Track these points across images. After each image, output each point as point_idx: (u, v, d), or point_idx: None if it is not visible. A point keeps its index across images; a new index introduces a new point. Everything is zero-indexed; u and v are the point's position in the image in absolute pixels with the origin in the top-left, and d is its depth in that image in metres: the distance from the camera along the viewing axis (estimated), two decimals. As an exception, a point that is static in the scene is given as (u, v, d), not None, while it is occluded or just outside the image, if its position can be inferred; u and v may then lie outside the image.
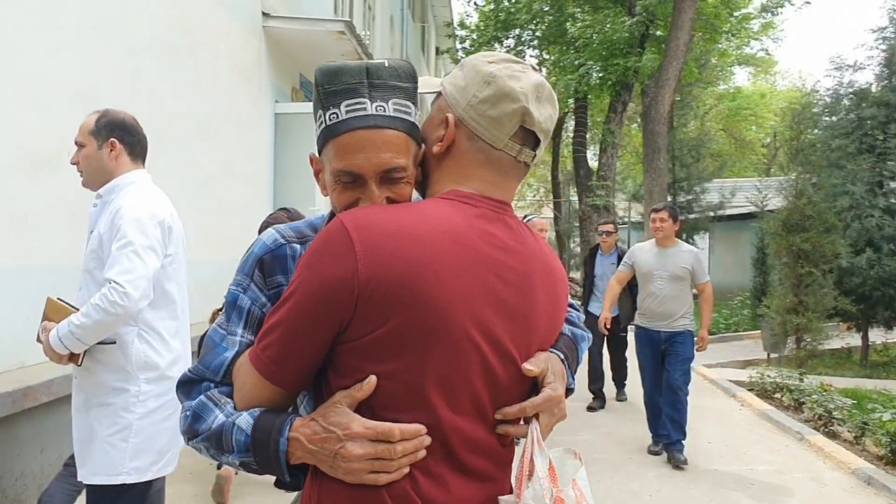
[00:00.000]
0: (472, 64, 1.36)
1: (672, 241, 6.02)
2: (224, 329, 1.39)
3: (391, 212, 1.24)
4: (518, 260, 1.32)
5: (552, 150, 27.35)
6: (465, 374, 1.24)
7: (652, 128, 14.33)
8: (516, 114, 1.31)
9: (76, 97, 4.79)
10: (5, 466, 3.97)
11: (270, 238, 1.46)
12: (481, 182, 1.34)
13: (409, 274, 1.17)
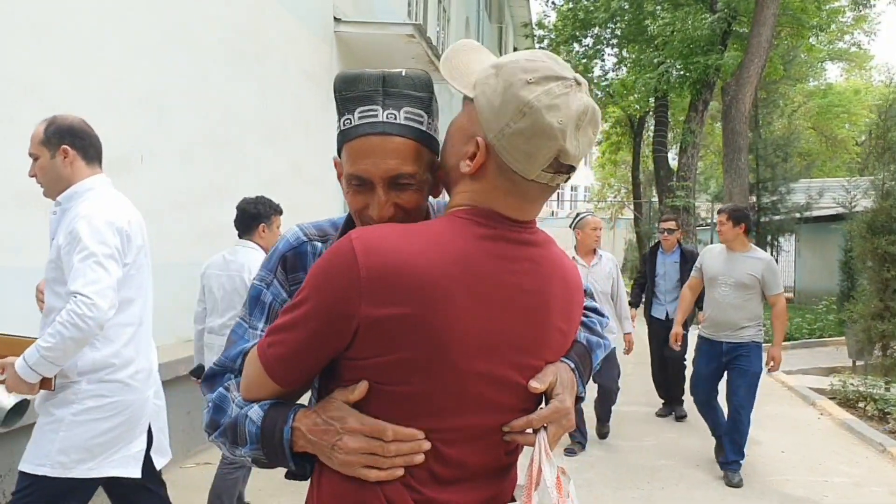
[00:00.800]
0: (509, 81, 1.21)
1: (742, 245, 5.48)
2: (246, 322, 1.45)
3: (402, 238, 1.21)
4: (533, 282, 1.29)
5: (633, 150, 26.94)
6: (468, 402, 1.25)
7: (732, 127, 13.92)
8: (551, 150, 1.21)
9: (147, 102, 4.98)
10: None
11: (294, 236, 1.50)
12: (504, 205, 1.27)
13: (416, 311, 1.17)
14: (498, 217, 1.27)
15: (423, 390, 1.22)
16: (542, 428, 1.32)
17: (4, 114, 3.69)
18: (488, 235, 1.25)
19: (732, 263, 5.45)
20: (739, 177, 13.81)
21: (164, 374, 4.75)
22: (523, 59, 1.24)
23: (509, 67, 1.22)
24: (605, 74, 23.26)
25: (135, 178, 4.84)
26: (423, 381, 1.21)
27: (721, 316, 5.45)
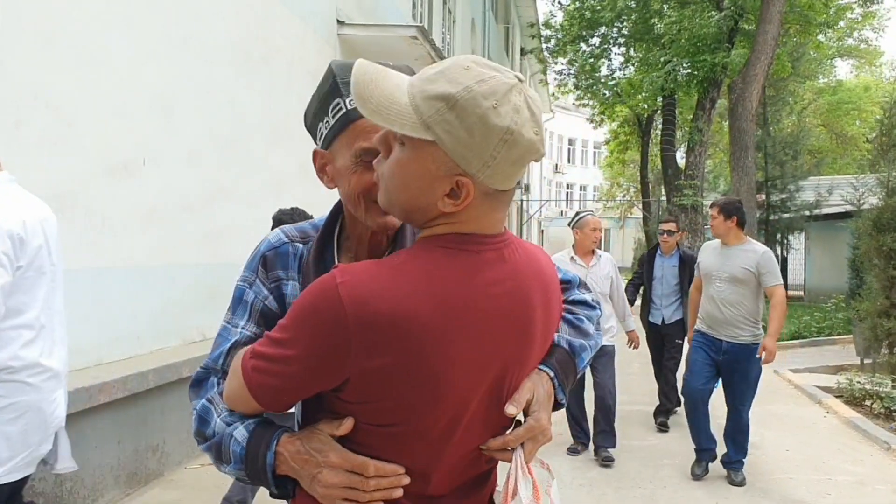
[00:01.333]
0: (474, 112, 1.14)
1: (737, 238, 5.33)
2: (230, 323, 1.47)
3: (390, 281, 1.17)
4: (513, 299, 1.27)
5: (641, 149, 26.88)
6: (459, 431, 1.27)
7: (739, 125, 13.89)
8: (533, 158, 1.22)
9: (155, 105, 5.04)
10: (84, 457, 4.21)
11: (275, 237, 1.53)
12: (490, 225, 1.25)
13: (409, 359, 1.16)
14: (479, 239, 1.24)
15: (415, 429, 1.22)
16: (519, 446, 1.33)
17: (12, 118, 3.75)
18: (473, 265, 1.22)
19: (726, 258, 5.31)
20: (747, 175, 13.78)
21: (169, 376, 4.84)
22: (467, 81, 1.15)
23: (464, 98, 1.13)
24: (612, 73, 23.21)
25: (141, 180, 4.90)
26: (415, 421, 1.21)
27: (718, 313, 5.29)
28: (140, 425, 4.70)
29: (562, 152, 52.00)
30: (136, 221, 4.89)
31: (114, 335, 4.72)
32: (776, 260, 6.61)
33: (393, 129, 1.18)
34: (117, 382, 4.36)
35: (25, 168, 3.92)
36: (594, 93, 23.51)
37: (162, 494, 4.75)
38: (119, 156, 4.72)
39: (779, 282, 5.20)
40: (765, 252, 5.26)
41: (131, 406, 4.58)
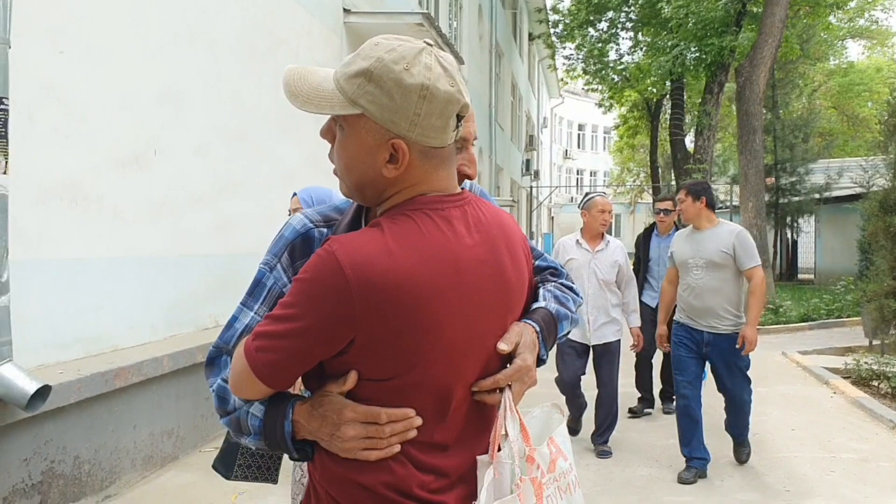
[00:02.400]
0: (389, 78, 1.26)
1: (709, 221, 4.98)
2: (244, 304, 1.51)
3: (383, 247, 1.26)
4: (486, 248, 1.37)
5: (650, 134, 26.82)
6: (458, 381, 1.35)
7: (746, 108, 13.88)
8: (456, 111, 1.31)
9: (163, 98, 5.13)
10: (101, 441, 4.34)
11: (299, 223, 1.53)
12: (439, 182, 1.35)
13: (409, 318, 1.24)
14: (440, 199, 1.34)
15: (417, 380, 1.30)
16: (507, 387, 1.41)
17: (25, 112, 3.85)
18: (444, 222, 1.32)
19: (700, 242, 4.96)
20: (755, 158, 13.77)
21: (183, 361, 4.96)
22: (378, 53, 1.27)
23: (378, 68, 1.26)
24: (620, 58, 23.18)
25: (150, 173, 5.00)
26: (418, 372, 1.29)
27: (698, 302, 4.96)
28: (155, 410, 4.82)
29: (571, 138, 51.90)
30: (147, 213, 5.00)
31: (128, 323, 4.84)
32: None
33: (324, 113, 1.30)
34: (132, 368, 4.48)
35: (39, 161, 4.04)
36: (603, 77, 23.48)
37: (177, 477, 4.88)
38: (129, 148, 4.82)
39: (757, 263, 4.87)
40: (740, 232, 4.93)
41: (146, 391, 4.70)
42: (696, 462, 5.01)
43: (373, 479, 1.31)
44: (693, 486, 4.93)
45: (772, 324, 12.42)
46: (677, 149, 19.86)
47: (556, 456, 1.46)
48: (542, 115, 38.54)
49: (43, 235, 4.11)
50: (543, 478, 1.42)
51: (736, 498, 4.69)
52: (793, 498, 4.70)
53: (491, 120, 19.78)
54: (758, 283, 4.83)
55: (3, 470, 3.64)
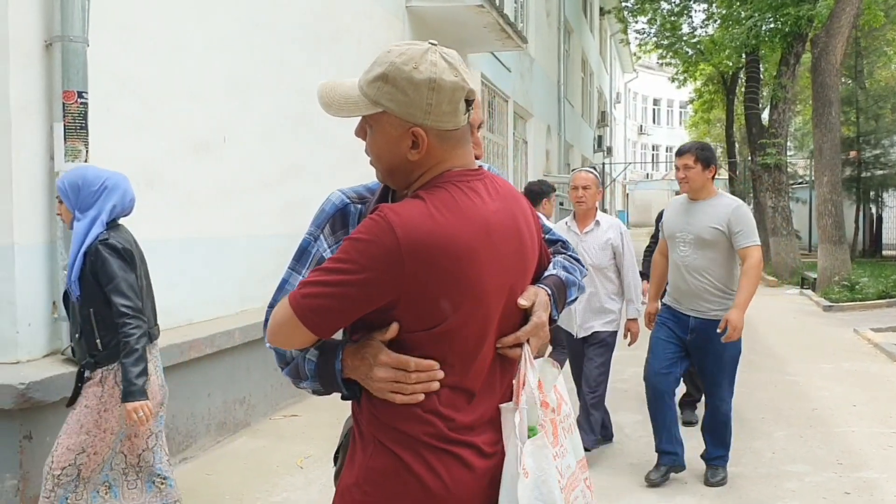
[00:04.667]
0: (402, 78, 1.47)
1: (707, 191, 4.43)
2: (293, 269, 1.76)
3: (426, 211, 1.45)
4: (506, 214, 1.57)
5: (726, 108, 26.16)
6: (486, 328, 1.55)
7: (822, 80, 13.46)
8: (463, 96, 1.51)
9: (230, 88, 5.44)
10: (178, 408, 4.71)
11: (338, 198, 1.77)
12: (459, 159, 1.56)
13: (451, 276, 1.44)
14: (464, 174, 1.55)
15: (454, 329, 1.48)
16: (525, 341, 1.62)
17: (102, 105, 4.19)
18: (471, 192, 1.52)
19: (692, 215, 4.42)
20: (830, 132, 13.37)
21: (254, 334, 5.29)
22: (391, 59, 1.48)
23: (391, 71, 1.47)
24: (693, 31, 22.66)
25: (220, 158, 5.33)
26: (455, 322, 1.48)
27: (682, 282, 4.45)
28: (227, 380, 5.17)
29: (646, 113, 50.97)
30: (217, 196, 5.33)
31: (201, 299, 5.19)
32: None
33: (354, 115, 1.54)
34: (205, 340, 4.83)
35: (116, 149, 4.39)
36: (676, 51, 23.00)
37: (249, 443, 5.23)
38: (199, 136, 5.15)
39: (754, 242, 4.31)
40: (738, 206, 4.38)
41: (219, 362, 5.05)
42: (666, 458, 4.48)
43: (410, 427, 1.51)
44: (743, 455, 5.00)
45: (847, 301, 12.14)
46: (752, 123, 19.36)
47: (560, 401, 1.69)
48: (615, 90, 37.99)
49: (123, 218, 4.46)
50: (556, 418, 1.64)
51: (784, 469, 4.75)
52: (844, 470, 4.73)
53: (559, 97, 19.71)
54: (753, 265, 4.27)
55: (90, 431, 4.01)
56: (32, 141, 3.81)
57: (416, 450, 1.50)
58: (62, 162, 3.82)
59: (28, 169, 3.79)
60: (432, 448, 1.50)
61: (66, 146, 3.81)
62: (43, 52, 3.85)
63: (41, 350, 3.87)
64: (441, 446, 1.50)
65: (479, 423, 1.55)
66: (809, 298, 13.28)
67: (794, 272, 15.87)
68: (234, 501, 4.18)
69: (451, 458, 1.51)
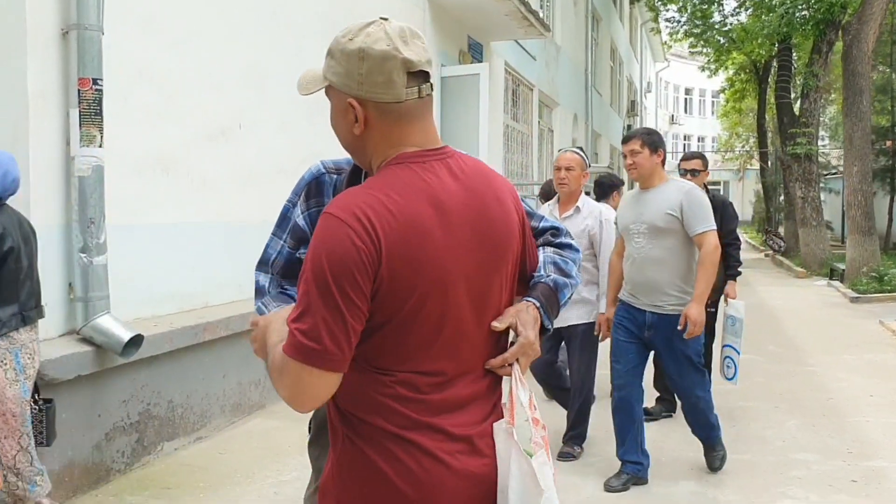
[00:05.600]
0: (338, 50, 1.48)
1: (658, 178, 4.18)
2: (275, 234, 1.94)
3: (372, 196, 1.40)
4: (469, 193, 1.50)
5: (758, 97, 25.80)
6: (449, 309, 1.46)
7: (853, 68, 13.26)
8: (398, 67, 1.44)
9: (246, 76, 5.53)
10: (192, 388, 4.83)
11: (316, 168, 1.95)
12: (412, 136, 1.50)
13: (408, 251, 1.38)
14: (420, 154, 1.49)
15: (412, 313, 1.41)
16: (515, 362, 1.61)
17: (119, 94, 4.29)
18: (424, 171, 1.46)
19: (644, 204, 4.19)
20: (861, 121, 13.17)
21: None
22: (337, 35, 1.50)
23: (332, 46, 1.50)
24: (724, 19, 22.36)
25: (237, 145, 5.43)
26: (412, 307, 1.40)
27: (638, 275, 4.18)
28: (242, 362, 5.28)
29: (678, 102, 50.37)
30: (234, 182, 5.43)
31: (217, 282, 5.30)
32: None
33: (311, 91, 1.56)
34: (220, 323, 4.94)
35: (133, 137, 4.50)
36: (707, 40, 22.73)
37: (263, 423, 5.34)
38: (216, 123, 5.25)
39: (709, 227, 4.05)
40: (690, 190, 4.15)
41: (234, 345, 5.16)
42: (630, 467, 4.21)
43: (373, 418, 1.45)
44: (752, 443, 5.00)
45: (874, 292, 11.98)
46: (784, 112, 19.07)
47: (534, 413, 1.67)
48: (646, 79, 37.63)
49: (139, 203, 4.58)
50: (546, 435, 1.64)
51: (792, 457, 4.75)
52: (853, 459, 4.72)
53: (587, 85, 19.58)
54: (708, 252, 4.02)
55: (105, 409, 4.15)
56: (49, 126, 3.93)
57: (381, 442, 1.44)
58: (78, 147, 3.93)
59: (45, 153, 3.91)
60: (398, 438, 1.44)
61: (82, 131, 3.92)
62: (59, 40, 3.96)
63: (57, 329, 4.00)
64: (407, 435, 1.44)
65: (449, 406, 1.49)
66: (837, 290, 13.13)
67: (824, 263, 15.69)
68: (245, 479, 4.29)
69: (418, 450, 1.44)
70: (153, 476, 4.33)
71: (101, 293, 4.03)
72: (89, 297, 4.01)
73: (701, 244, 4.05)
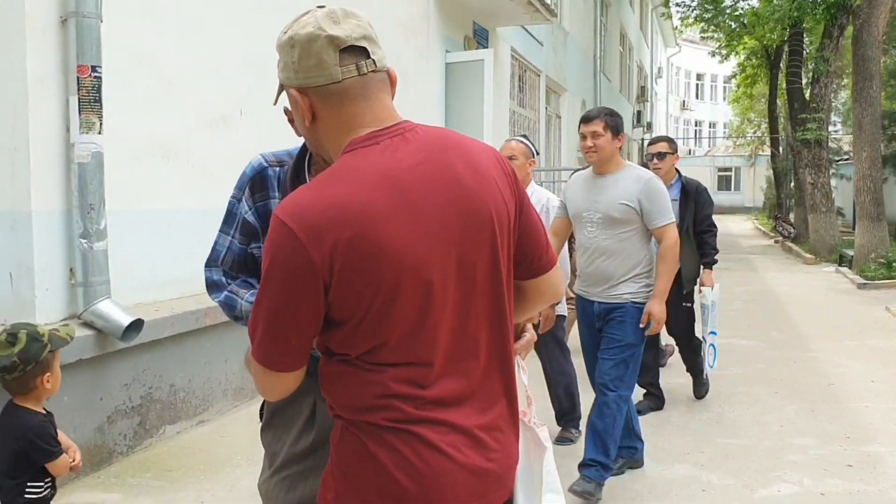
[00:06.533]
0: (277, 45, 1.48)
1: (615, 163, 3.90)
2: (222, 231, 2.00)
3: (316, 190, 1.36)
4: (433, 165, 1.41)
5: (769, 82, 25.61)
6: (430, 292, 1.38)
7: (863, 52, 13.16)
8: (325, 45, 1.40)
9: (246, 64, 5.55)
10: (193, 372, 4.89)
11: (257, 162, 1.99)
12: (361, 117, 1.43)
13: (359, 236, 1.30)
14: (372, 134, 1.41)
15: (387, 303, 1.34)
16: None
17: (118, 82, 4.33)
18: (379, 151, 1.39)
19: (599, 191, 3.91)
20: (871, 106, 13.07)
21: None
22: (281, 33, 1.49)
23: (277, 45, 1.49)
24: (736, 4, 22.19)
25: (237, 132, 5.46)
26: (385, 296, 1.34)
27: (589, 266, 3.97)
28: (244, 346, 5.29)
29: (689, 88, 50.05)
30: (234, 168, 5.40)
31: (219, 268, 5.34)
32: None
33: (278, 96, 1.59)
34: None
35: (134, 123, 4.54)
36: (718, 25, 22.58)
37: (265, 408, 5.40)
38: (217, 110, 5.28)
39: (669, 220, 3.84)
40: (649, 180, 3.86)
41: (235, 329, 5.20)
42: (624, 451, 4.14)
43: (370, 416, 1.41)
44: (749, 428, 5.03)
45: (882, 278, 11.93)
46: (794, 98, 18.93)
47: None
48: (657, 65, 37.40)
49: (140, 189, 4.63)
50: None
51: (789, 442, 4.77)
52: (850, 444, 4.73)
53: (595, 71, 19.51)
54: (670, 246, 3.81)
55: (107, 392, 4.21)
56: (49, 113, 3.97)
57: (380, 434, 1.40)
58: (77, 134, 3.97)
59: (45, 140, 3.95)
60: (396, 431, 1.39)
61: (81, 118, 3.96)
62: (58, 27, 3.99)
63: (59, 314, 4.05)
64: (406, 428, 1.39)
65: (448, 398, 1.43)
66: (845, 276, 13.08)
67: (833, 249, 15.63)
68: (245, 462, 4.34)
69: (419, 442, 1.39)
70: (155, 458, 4.39)
71: (101, 278, 4.09)
72: (90, 283, 4.06)
73: (661, 238, 3.84)
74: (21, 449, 2.48)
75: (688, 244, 5.08)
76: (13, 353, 2.46)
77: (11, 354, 2.46)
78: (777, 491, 4.03)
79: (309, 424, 1.93)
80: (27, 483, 2.50)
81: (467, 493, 1.42)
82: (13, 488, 2.48)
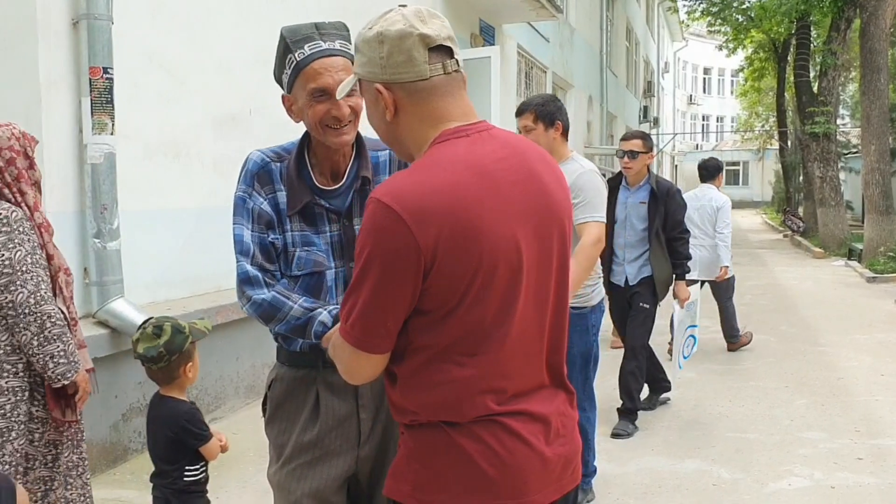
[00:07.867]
0: (360, 41, 1.50)
1: (557, 155, 3.52)
2: (238, 224, 1.95)
3: (417, 176, 1.41)
4: (517, 160, 1.49)
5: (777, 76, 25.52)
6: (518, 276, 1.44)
7: (871, 45, 13.13)
8: (417, 43, 1.44)
9: (256, 62, 5.57)
10: (206, 370, 4.92)
11: (259, 158, 1.99)
12: (449, 112, 1.49)
13: (460, 225, 1.36)
14: (461, 128, 1.48)
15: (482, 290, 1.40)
16: None
17: (130, 80, 4.36)
18: (469, 144, 1.46)
19: None
20: (878, 98, 13.04)
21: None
22: (360, 29, 1.53)
23: (356, 40, 1.53)
24: (742, -4, 22.12)
25: (247, 130, 5.49)
26: (481, 283, 1.39)
27: None
28: (255, 344, 5.37)
29: (696, 82, 49.89)
30: (244, 166, 5.49)
31: (230, 266, 5.32)
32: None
33: (345, 91, 1.65)
34: (233, 306, 5.00)
35: (145, 122, 4.58)
36: (725, 18, 22.51)
37: (276, 405, 5.43)
38: (227, 108, 5.32)
39: (594, 217, 3.47)
40: (584, 172, 3.53)
41: (247, 328, 5.24)
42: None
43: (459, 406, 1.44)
44: (759, 422, 5.05)
45: (892, 272, 11.90)
46: (802, 91, 18.87)
47: None
48: (664, 59, 37.30)
49: (151, 188, 4.67)
50: None
51: (799, 436, 4.78)
52: (860, 437, 4.74)
53: (602, 67, 19.48)
54: (587, 244, 3.40)
55: (121, 390, 4.25)
56: (62, 114, 4.01)
57: (463, 424, 1.44)
58: (90, 134, 4.01)
59: (58, 141, 3.99)
60: (480, 420, 1.44)
61: (93, 120, 4.01)
62: (70, 30, 4.03)
63: (73, 313, 4.09)
64: (493, 419, 1.44)
65: (527, 387, 1.50)
66: (854, 270, 13.06)
67: (842, 243, 15.59)
68: (257, 457, 4.37)
69: (503, 431, 1.45)
70: (169, 455, 4.43)
71: (114, 277, 4.13)
72: (103, 282, 4.11)
73: (581, 234, 3.40)
74: (176, 436, 2.66)
75: (659, 250, 4.85)
76: (159, 345, 2.64)
77: (158, 346, 2.63)
78: (787, 485, 4.05)
79: (314, 415, 1.98)
80: (185, 467, 2.68)
81: (545, 479, 1.49)
82: (172, 472, 2.66)
